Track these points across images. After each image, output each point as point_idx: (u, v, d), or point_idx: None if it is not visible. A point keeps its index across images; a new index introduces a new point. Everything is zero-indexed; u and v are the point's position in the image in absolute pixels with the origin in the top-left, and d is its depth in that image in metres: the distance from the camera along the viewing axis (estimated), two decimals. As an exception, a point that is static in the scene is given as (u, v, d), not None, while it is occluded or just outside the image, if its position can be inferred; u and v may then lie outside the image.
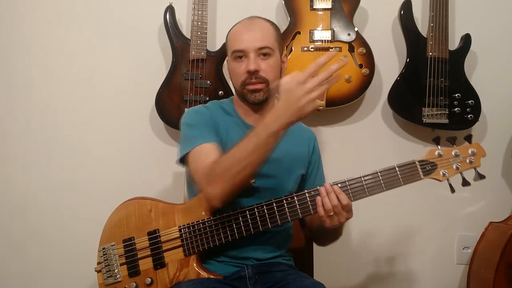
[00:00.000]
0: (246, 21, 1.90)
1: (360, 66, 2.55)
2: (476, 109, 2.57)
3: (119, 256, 1.82)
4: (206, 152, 1.74)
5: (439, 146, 1.72)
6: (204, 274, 1.76)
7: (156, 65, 2.72)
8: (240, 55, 1.84)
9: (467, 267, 2.64)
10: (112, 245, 1.83)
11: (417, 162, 1.71)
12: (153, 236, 1.79)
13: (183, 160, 1.83)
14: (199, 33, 2.55)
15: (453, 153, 1.72)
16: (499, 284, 2.34)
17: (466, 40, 2.59)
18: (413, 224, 2.73)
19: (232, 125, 1.90)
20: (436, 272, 2.73)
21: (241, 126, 1.90)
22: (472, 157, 1.72)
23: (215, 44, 2.69)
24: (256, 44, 1.81)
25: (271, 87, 1.84)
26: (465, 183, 1.73)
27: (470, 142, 1.74)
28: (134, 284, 1.78)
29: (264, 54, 1.82)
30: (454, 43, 2.64)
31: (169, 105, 2.57)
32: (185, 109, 2.51)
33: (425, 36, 2.57)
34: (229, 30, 1.92)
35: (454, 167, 1.71)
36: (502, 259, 2.35)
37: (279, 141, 1.59)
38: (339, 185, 1.70)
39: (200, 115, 1.88)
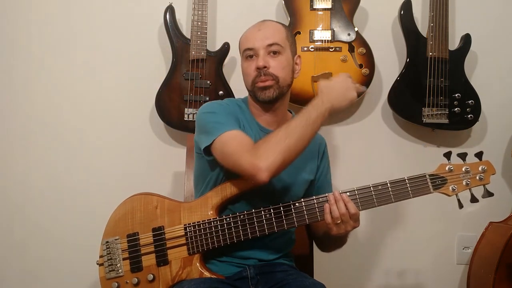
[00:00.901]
0: (258, 23, 1.89)
1: (360, 66, 2.55)
2: (476, 109, 2.57)
3: (122, 250, 1.81)
4: (241, 136, 1.72)
5: (449, 161, 1.74)
6: (206, 274, 1.75)
7: (156, 65, 2.71)
8: (251, 54, 1.83)
9: (467, 267, 2.64)
10: (115, 239, 1.82)
11: (427, 176, 1.73)
12: (158, 232, 1.79)
13: (207, 150, 1.77)
14: (199, 33, 2.55)
15: (463, 169, 1.74)
16: (499, 284, 2.34)
17: (466, 40, 2.59)
18: (413, 224, 2.73)
19: (248, 125, 1.89)
20: (436, 272, 2.73)
21: (254, 126, 1.90)
22: (482, 174, 1.74)
23: (215, 44, 2.68)
24: (266, 41, 1.81)
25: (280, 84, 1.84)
26: (474, 199, 1.75)
27: (480, 159, 1.76)
28: (136, 279, 1.77)
29: (274, 52, 1.81)
30: (454, 43, 2.65)
31: (169, 105, 2.56)
32: (185, 109, 2.54)
33: (425, 36, 2.58)
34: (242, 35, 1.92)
35: (464, 183, 1.73)
36: (502, 259, 2.35)
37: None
38: (348, 193, 1.71)
39: (222, 106, 1.86)
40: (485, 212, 2.66)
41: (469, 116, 2.56)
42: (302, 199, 1.74)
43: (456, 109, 2.55)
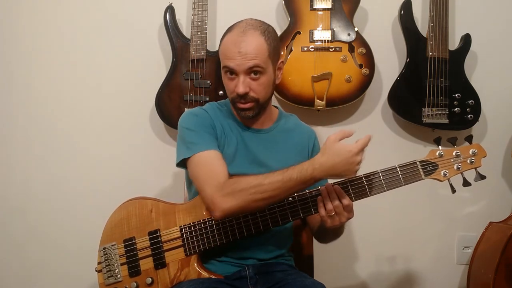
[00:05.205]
0: (239, 35, 1.79)
1: (360, 66, 2.55)
2: (476, 109, 2.56)
3: (119, 256, 1.82)
4: (211, 159, 1.75)
5: (440, 147, 1.73)
6: (205, 274, 1.77)
7: (156, 65, 2.71)
8: (231, 71, 1.79)
9: (467, 267, 2.63)
10: (112, 245, 1.84)
11: (418, 162, 1.73)
12: (154, 236, 1.80)
13: (181, 163, 1.83)
14: (199, 33, 2.55)
15: (454, 154, 1.73)
16: (499, 284, 2.34)
17: (466, 40, 2.58)
18: (413, 224, 2.73)
19: (229, 127, 1.90)
20: (436, 272, 2.73)
21: (238, 128, 1.91)
22: (473, 158, 1.73)
23: (215, 44, 2.68)
24: (247, 64, 1.75)
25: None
26: (466, 183, 1.74)
27: (470, 142, 1.75)
28: (135, 284, 1.78)
29: (255, 73, 1.78)
30: (454, 43, 2.64)
31: (169, 105, 2.56)
32: (185, 109, 2.54)
33: (425, 36, 2.57)
34: (223, 37, 1.86)
35: (455, 167, 1.73)
36: (502, 259, 2.35)
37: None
38: (340, 185, 1.70)
39: (200, 119, 1.86)
40: (485, 212, 2.67)
41: (469, 116, 2.56)
42: (295, 193, 1.74)
43: (456, 109, 2.55)
